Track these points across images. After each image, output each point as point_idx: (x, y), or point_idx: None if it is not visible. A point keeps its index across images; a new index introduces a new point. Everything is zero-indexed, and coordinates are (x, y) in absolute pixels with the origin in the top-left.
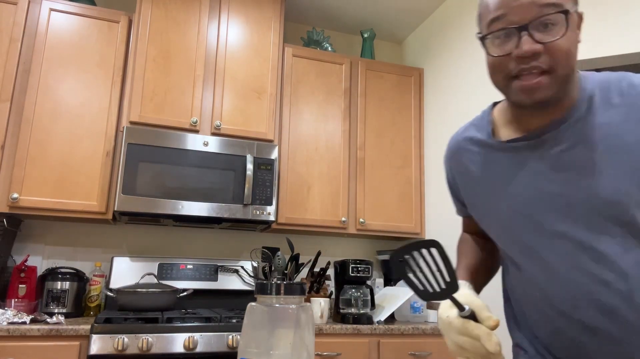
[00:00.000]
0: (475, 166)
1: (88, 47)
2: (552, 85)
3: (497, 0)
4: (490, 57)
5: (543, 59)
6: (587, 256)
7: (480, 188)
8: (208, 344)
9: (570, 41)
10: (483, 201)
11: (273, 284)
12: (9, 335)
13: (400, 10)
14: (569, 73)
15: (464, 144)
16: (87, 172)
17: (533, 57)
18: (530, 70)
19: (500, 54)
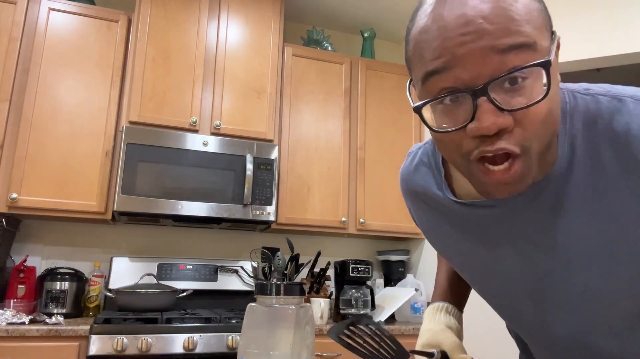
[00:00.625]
0: (432, 216)
1: (87, 46)
2: (529, 171)
3: (434, 43)
4: (431, 131)
5: (515, 134)
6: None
7: (440, 242)
8: (208, 344)
9: (552, 95)
10: (447, 256)
11: (273, 284)
12: (7, 336)
13: (400, 9)
14: (549, 140)
15: (415, 189)
16: (86, 171)
17: (498, 136)
18: (496, 154)
19: (448, 128)
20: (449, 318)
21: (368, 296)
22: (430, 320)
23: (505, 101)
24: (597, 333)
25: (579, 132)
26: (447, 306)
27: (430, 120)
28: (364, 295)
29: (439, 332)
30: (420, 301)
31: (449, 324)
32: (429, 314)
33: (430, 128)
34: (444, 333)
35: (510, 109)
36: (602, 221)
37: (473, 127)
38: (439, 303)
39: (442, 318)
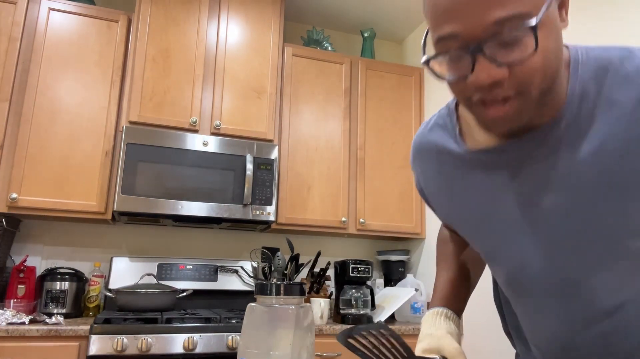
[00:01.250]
0: (443, 177)
1: (87, 46)
2: (524, 110)
3: (442, 13)
4: (438, 79)
5: (508, 84)
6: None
7: (450, 202)
8: (208, 344)
9: (546, 50)
10: (457, 217)
11: (273, 284)
12: (7, 336)
13: (400, 9)
14: (548, 86)
15: (429, 149)
16: (86, 171)
17: (493, 86)
18: (494, 98)
19: (452, 78)
20: (449, 324)
21: (368, 296)
22: (430, 325)
23: (501, 55)
24: (596, 275)
25: (590, 77)
26: (446, 312)
27: (439, 71)
28: (364, 294)
29: (441, 337)
30: (420, 301)
31: (449, 330)
32: (428, 319)
33: (437, 77)
34: (445, 338)
35: (505, 63)
36: (612, 157)
37: (471, 80)
38: (438, 308)
39: (442, 323)
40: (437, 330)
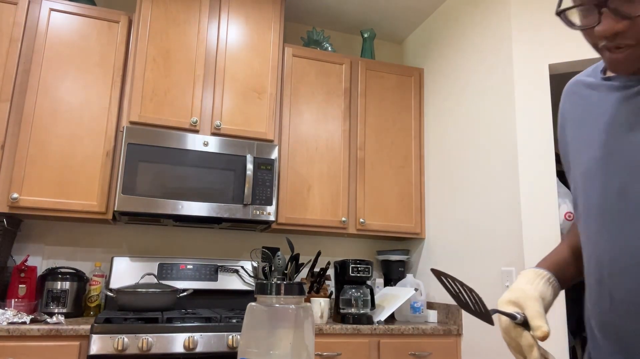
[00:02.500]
0: (580, 108)
1: (88, 47)
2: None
3: None
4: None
5: (629, 34)
6: None
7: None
8: (208, 344)
9: None
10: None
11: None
12: (8, 335)
13: (400, 10)
14: None
15: (574, 87)
16: (87, 171)
17: (615, 37)
18: (616, 46)
19: (582, 26)
20: (547, 288)
21: (368, 296)
22: (527, 281)
23: (624, 9)
24: None
25: None
26: (550, 277)
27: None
28: (363, 294)
29: (530, 297)
30: (420, 301)
31: (544, 294)
32: (529, 276)
33: (570, 25)
34: (534, 300)
35: (627, 16)
36: None
37: (597, 29)
38: (544, 271)
39: (540, 286)
40: (531, 289)
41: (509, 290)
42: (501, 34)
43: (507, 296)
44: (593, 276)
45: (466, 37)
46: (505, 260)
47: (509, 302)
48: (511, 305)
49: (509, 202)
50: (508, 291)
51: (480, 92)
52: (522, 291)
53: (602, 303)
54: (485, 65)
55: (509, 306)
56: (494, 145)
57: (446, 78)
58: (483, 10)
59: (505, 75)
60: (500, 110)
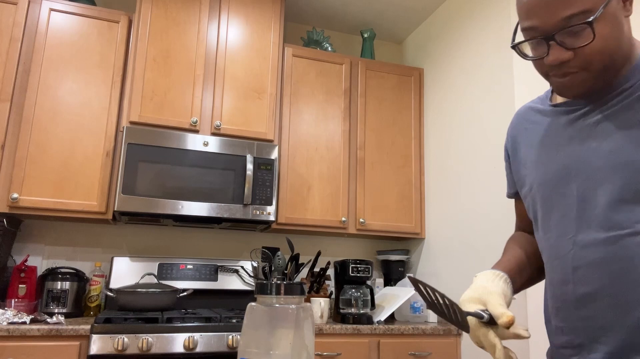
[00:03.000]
0: (527, 132)
1: (88, 47)
2: (587, 80)
3: (525, 12)
4: (525, 58)
5: (574, 62)
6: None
7: (534, 151)
8: (208, 344)
9: (605, 37)
10: (532, 165)
11: (273, 284)
12: (9, 335)
13: (400, 10)
14: (610, 63)
15: (524, 113)
16: (87, 171)
17: (562, 65)
18: (563, 73)
19: (534, 57)
20: (507, 287)
21: (368, 296)
22: (487, 280)
23: (568, 42)
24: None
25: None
26: (506, 278)
27: (525, 52)
28: (363, 294)
29: (493, 293)
30: (420, 301)
31: (505, 291)
32: (488, 275)
33: (523, 56)
34: (497, 296)
35: (572, 48)
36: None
37: (547, 60)
38: (501, 272)
39: (501, 284)
40: (493, 285)
41: (470, 288)
42: (501, 33)
43: (468, 294)
44: (557, 276)
45: (466, 37)
46: None
47: (472, 299)
48: (474, 302)
49: (509, 202)
50: (469, 289)
51: (480, 92)
52: (484, 287)
53: (567, 298)
54: (486, 65)
55: (472, 303)
56: (494, 144)
57: (446, 78)
58: (483, 10)
59: (506, 75)
60: (500, 110)
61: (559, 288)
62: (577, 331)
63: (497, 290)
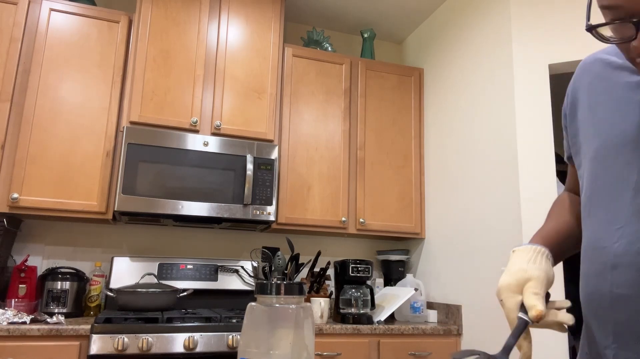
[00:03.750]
0: (600, 89)
1: (88, 47)
2: None
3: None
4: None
5: None
6: None
7: (594, 114)
8: (208, 344)
9: None
10: (590, 130)
11: (273, 284)
12: (9, 335)
13: (400, 10)
14: None
15: (594, 66)
16: (87, 171)
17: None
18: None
19: (617, 40)
20: (549, 266)
21: (368, 296)
22: (528, 259)
23: None
24: None
25: None
26: (548, 254)
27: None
28: (363, 294)
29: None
30: (420, 301)
31: (548, 272)
32: (529, 255)
33: (601, 39)
34: (533, 282)
35: None
36: None
37: (634, 44)
38: (541, 247)
39: (543, 264)
40: (533, 269)
41: (508, 271)
42: (501, 34)
43: (506, 280)
44: (593, 266)
45: (466, 37)
46: (505, 260)
47: (509, 288)
48: (512, 291)
49: (508, 202)
50: (507, 273)
51: (480, 92)
52: (523, 271)
53: (601, 293)
54: (485, 65)
55: (510, 293)
56: (493, 145)
57: (446, 78)
58: (483, 10)
59: (505, 75)
60: (500, 110)
61: (593, 283)
62: (608, 334)
63: (537, 274)
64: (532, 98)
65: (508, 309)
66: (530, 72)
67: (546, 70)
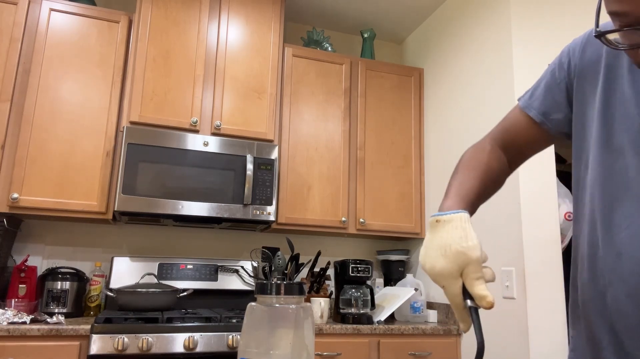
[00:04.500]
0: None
1: (88, 47)
2: None
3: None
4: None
5: None
6: None
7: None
8: (208, 344)
9: None
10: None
11: (273, 284)
12: (9, 335)
13: (400, 10)
14: None
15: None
16: (87, 171)
17: None
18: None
19: (626, 47)
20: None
21: (368, 296)
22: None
23: None
24: None
25: None
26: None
27: (613, 40)
28: (363, 294)
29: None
30: (420, 301)
31: (480, 246)
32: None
33: (610, 45)
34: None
35: None
36: None
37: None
38: (463, 213)
39: (475, 237)
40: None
41: (444, 254)
42: (501, 34)
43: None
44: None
45: (466, 37)
46: (505, 260)
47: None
48: (454, 278)
49: (508, 202)
50: (443, 257)
51: (480, 92)
52: (463, 254)
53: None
54: (485, 65)
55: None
56: None
57: (446, 78)
58: (483, 10)
59: (505, 75)
60: (500, 110)
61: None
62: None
63: (476, 255)
64: None
65: (452, 295)
66: (530, 72)
67: None
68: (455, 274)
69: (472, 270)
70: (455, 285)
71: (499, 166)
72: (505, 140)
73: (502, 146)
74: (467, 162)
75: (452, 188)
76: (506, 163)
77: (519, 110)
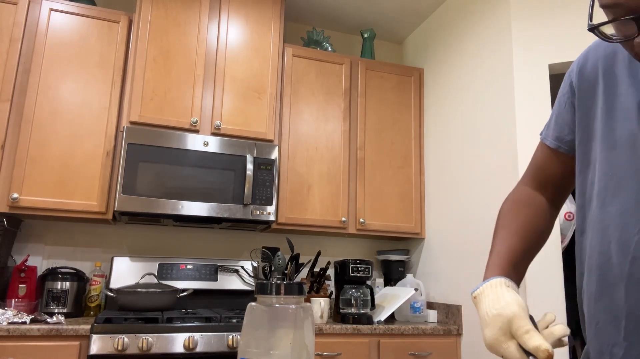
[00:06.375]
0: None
1: (88, 47)
2: None
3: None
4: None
5: None
6: None
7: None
8: (208, 344)
9: None
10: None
11: (273, 284)
12: (9, 335)
13: (400, 10)
14: None
15: (607, 45)
16: (87, 171)
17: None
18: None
19: (620, 39)
20: (515, 294)
21: (368, 296)
22: (495, 301)
23: None
24: None
25: None
26: (506, 281)
27: (608, 31)
28: (363, 294)
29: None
30: (420, 301)
31: (519, 302)
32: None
33: (604, 38)
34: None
35: None
36: None
37: (638, 41)
38: (498, 279)
39: (509, 296)
40: (506, 307)
41: (488, 324)
42: (501, 34)
43: (494, 334)
44: (609, 255)
45: (466, 37)
46: None
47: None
48: (504, 342)
49: None
50: (489, 327)
51: (480, 92)
52: (499, 315)
53: (615, 286)
54: (485, 65)
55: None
56: (494, 145)
57: (446, 78)
58: (483, 10)
59: (505, 75)
60: (500, 110)
61: (608, 275)
62: (620, 329)
63: (513, 311)
64: (532, 98)
65: (514, 357)
66: (530, 72)
67: (546, 70)
68: (502, 338)
69: (517, 326)
70: (510, 348)
71: (539, 211)
72: (539, 178)
73: (538, 186)
74: (503, 219)
75: (491, 255)
76: (545, 204)
77: (541, 144)
